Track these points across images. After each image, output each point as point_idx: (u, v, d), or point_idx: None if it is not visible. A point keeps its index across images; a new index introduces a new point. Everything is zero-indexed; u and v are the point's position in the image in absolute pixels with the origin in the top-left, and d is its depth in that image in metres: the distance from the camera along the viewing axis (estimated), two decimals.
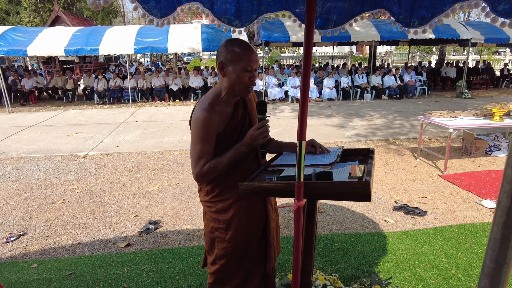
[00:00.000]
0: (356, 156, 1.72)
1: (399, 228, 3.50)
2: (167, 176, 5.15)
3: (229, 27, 1.67)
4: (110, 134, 7.80)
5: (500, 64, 20.60)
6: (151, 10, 1.27)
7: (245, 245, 1.70)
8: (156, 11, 1.31)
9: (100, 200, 4.32)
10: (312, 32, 1.18)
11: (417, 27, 1.52)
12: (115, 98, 12.40)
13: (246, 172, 1.63)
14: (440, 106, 10.78)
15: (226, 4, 1.61)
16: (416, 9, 1.48)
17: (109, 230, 3.58)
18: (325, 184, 1.26)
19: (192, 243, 3.26)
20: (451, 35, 11.62)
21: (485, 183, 4.69)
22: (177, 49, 11.28)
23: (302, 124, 1.22)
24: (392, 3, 1.58)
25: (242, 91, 1.54)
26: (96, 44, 10.73)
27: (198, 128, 1.51)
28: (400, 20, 1.57)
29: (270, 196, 1.39)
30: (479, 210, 3.89)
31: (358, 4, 1.67)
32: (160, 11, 1.32)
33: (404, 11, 1.54)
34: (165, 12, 1.34)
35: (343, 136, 7.32)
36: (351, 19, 1.71)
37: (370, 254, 2.93)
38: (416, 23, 1.51)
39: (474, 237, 3.25)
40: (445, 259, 2.87)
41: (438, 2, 1.40)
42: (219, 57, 1.52)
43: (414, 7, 1.48)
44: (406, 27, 1.56)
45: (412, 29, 1.54)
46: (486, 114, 5.35)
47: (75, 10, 24.94)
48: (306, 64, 1.15)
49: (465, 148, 6.11)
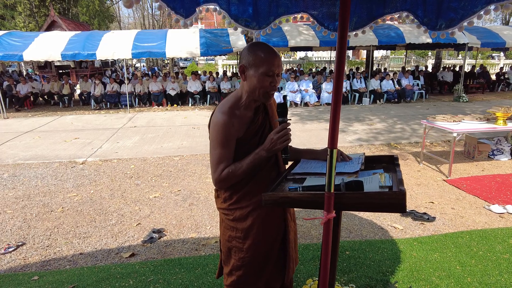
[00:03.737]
0: (379, 163, 1.65)
1: (409, 234, 3.43)
2: (168, 183, 5.05)
3: (247, 30, 1.60)
4: (108, 139, 7.68)
5: (495, 68, 20.78)
6: (178, 10, 1.21)
7: (263, 255, 1.62)
8: (182, 11, 1.24)
9: (101, 208, 4.21)
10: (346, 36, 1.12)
11: (444, 29, 1.47)
12: (112, 103, 12.27)
13: (266, 179, 1.56)
14: (438, 110, 10.81)
15: (244, 5, 1.54)
16: (443, 11, 1.42)
17: (111, 239, 3.47)
18: (357, 195, 1.19)
19: (199, 252, 3.16)
20: (448, 40, 11.68)
21: (490, 187, 4.65)
22: (175, 53, 11.21)
23: (334, 131, 1.15)
24: (416, 5, 1.52)
25: (262, 96, 1.48)
26: (93, 48, 10.63)
27: (217, 132, 1.45)
28: (424, 22, 1.51)
29: (296, 207, 1.32)
30: (488, 215, 3.84)
31: (379, 7, 1.61)
32: (184, 11, 1.25)
33: (430, 13, 1.48)
34: (188, 13, 1.27)
35: (344, 141, 7.28)
36: (371, 22, 1.66)
37: (383, 262, 2.86)
38: (444, 26, 1.45)
39: (486, 243, 3.19)
40: (459, 266, 2.81)
41: (468, 3, 1.34)
42: (241, 60, 1.47)
43: (441, 9, 1.43)
44: (432, 30, 1.51)
45: (438, 32, 1.49)
46: (489, 118, 5.34)
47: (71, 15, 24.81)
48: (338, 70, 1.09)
49: (467, 152, 6.09)
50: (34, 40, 11.02)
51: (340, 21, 1.11)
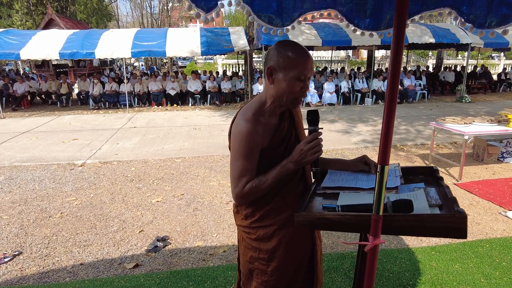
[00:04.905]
0: (416, 175, 1.50)
1: (425, 242, 3.28)
2: (170, 186, 4.88)
3: (269, 27, 1.44)
4: (108, 140, 7.50)
5: (496, 69, 20.72)
6: (199, 4, 1.05)
7: (289, 278, 1.46)
8: (203, 4, 1.08)
9: (101, 213, 4.04)
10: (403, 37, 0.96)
11: (495, 27, 1.31)
12: (111, 103, 12.06)
13: (293, 194, 1.40)
14: (442, 111, 10.69)
15: (268, 0, 1.38)
16: (494, 6, 1.27)
17: (113, 248, 3.30)
18: (408, 218, 1.03)
19: (207, 263, 3.00)
20: (451, 40, 11.57)
21: (504, 192, 4.51)
22: (176, 53, 11.03)
23: (387, 145, 1.00)
24: (460, 0, 1.36)
25: (290, 102, 1.32)
26: (92, 47, 10.43)
27: (240, 142, 1.29)
28: (470, 19, 1.35)
29: (334, 230, 1.16)
30: (506, 222, 3.70)
31: (416, 3, 1.45)
32: (206, 4, 1.10)
33: (477, 9, 1.33)
34: (209, 6, 1.12)
35: (349, 143, 7.12)
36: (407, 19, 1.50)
37: (402, 274, 2.71)
38: (494, 23, 1.30)
39: (509, 253, 3.04)
40: (484, 279, 2.66)
41: None
42: (269, 61, 1.30)
43: (492, 4, 1.27)
44: (480, 28, 1.35)
45: (487, 30, 1.33)
46: (500, 120, 5.20)
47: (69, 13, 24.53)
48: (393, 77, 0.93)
49: (476, 155, 5.95)
50: (31, 38, 10.80)
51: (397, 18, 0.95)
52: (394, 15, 1.01)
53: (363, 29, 1.57)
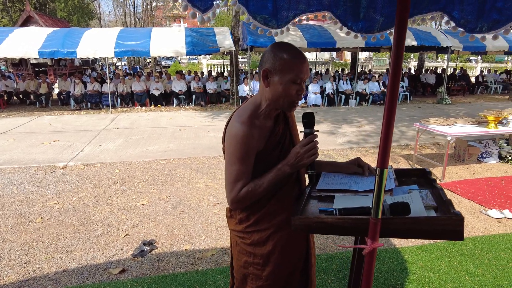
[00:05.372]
0: (408, 177, 1.51)
1: (412, 242, 3.33)
2: (156, 189, 4.79)
3: (265, 28, 1.42)
4: (90, 142, 7.31)
5: (473, 71, 21.41)
6: (195, 3, 1.02)
7: (284, 282, 1.44)
8: (199, 4, 1.05)
9: (84, 217, 3.92)
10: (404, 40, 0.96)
11: (486, 32, 1.33)
12: (93, 104, 11.78)
13: (288, 197, 1.39)
14: (424, 112, 10.95)
15: (263, 0, 1.36)
16: (486, 11, 1.29)
17: (97, 253, 3.21)
18: (406, 221, 1.03)
19: (195, 267, 2.95)
20: (432, 43, 11.88)
21: (484, 191, 4.64)
22: (160, 52, 10.87)
23: (386, 149, 0.99)
24: (451, 5, 1.38)
25: (286, 105, 1.30)
26: (73, 46, 10.15)
27: (236, 145, 1.26)
28: (461, 24, 1.37)
29: (331, 234, 1.15)
30: (486, 220, 3.80)
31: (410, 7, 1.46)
32: (202, 4, 1.07)
33: (468, 14, 1.35)
34: (205, 6, 1.09)
35: (335, 144, 7.19)
36: None
37: (391, 274, 2.74)
38: (485, 28, 1.32)
39: (490, 251, 3.13)
40: (468, 277, 2.72)
41: None
42: (264, 63, 1.27)
43: (483, 9, 1.29)
44: (471, 33, 1.37)
45: (478, 35, 1.36)
46: (480, 122, 5.36)
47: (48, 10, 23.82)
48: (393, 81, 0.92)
49: (458, 155, 6.11)
50: (8, 36, 10.42)
51: (397, 21, 0.95)
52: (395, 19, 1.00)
53: (357, 32, 1.58)
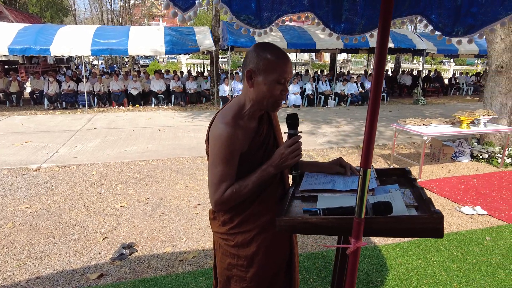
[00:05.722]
0: (389, 176, 1.54)
1: (390, 240, 3.41)
2: (134, 191, 4.69)
3: (249, 28, 1.41)
4: (66, 143, 7.06)
5: (446, 74, 22.23)
6: (176, 2, 1.00)
7: (268, 282, 1.44)
8: (180, 3, 1.03)
9: (60, 221, 3.78)
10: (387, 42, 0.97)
11: (462, 36, 1.38)
12: (68, 103, 11.40)
13: (272, 198, 1.39)
14: (400, 113, 11.25)
15: (246, 0, 1.35)
16: (461, 16, 1.33)
17: (74, 257, 3.10)
18: (389, 220, 1.05)
19: (176, 269, 2.90)
20: (408, 45, 12.23)
21: (458, 189, 4.82)
22: (139, 51, 10.66)
23: (369, 149, 1.00)
24: (429, 9, 1.42)
25: (271, 105, 1.30)
26: (47, 43, 9.78)
27: (221, 147, 1.25)
28: (439, 28, 1.41)
29: (315, 234, 1.16)
30: (460, 217, 3.95)
31: None
32: (184, 3, 1.04)
33: (445, 18, 1.39)
34: (187, 5, 1.06)
35: (315, 144, 7.28)
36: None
37: (371, 272, 2.79)
38: (461, 32, 1.36)
39: (464, 246, 3.25)
40: (444, 272, 2.81)
41: (490, 9, 1.26)
42: (248, 64, 1.27)
43: (459, 14, 1.34)
44: (448, 36, 1.41)
45: (455, 38, 1.40)
46: (454, 122, 5.57)
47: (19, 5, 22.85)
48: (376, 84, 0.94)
49: (433, 154, 6.32)
50: None
51: (381, 23, 0.96)
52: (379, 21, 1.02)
53: (338, 33, 1.60)
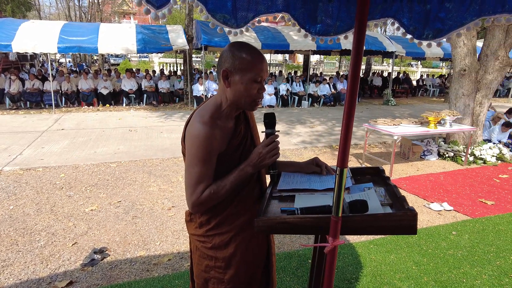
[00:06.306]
0: (363, 175, 1.57)
1: (364, 237, 3.49)
2: (106, 193, 4.53)
3: (224, 27, 1.40)
4: (30, 144, 6.71)
5: (414, 75, 23.16)
6: None
7: (246, 284, 1.43)
8: (154, 0, 0.99)
9: (24, 227, 3.58)
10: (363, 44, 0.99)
11: (431, 39, 1.43)
12: (33, 103, 10.85)
13: (250, 198, 1.38)
14: (371, 113, 11.59)
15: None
16: (430, 21, 1.38)
17: (40, 265, 2.94)
18: (365, 218, 1.07)
19: (151, 273, 2.82)
20: (379, 47, 12.62)
21: (426, 186, 5.03)
22: (109, 49, 10.32)
23: (345, 148, 1.02)
24: (401, 13, 1.46)
25: (248, 104, 1.29)
26: (8, 39, 9.24)
27: (198, 147, 1.22)
28: (410, 31, 1.46)
29: (293, 233, 1.16)
30: (429, 213, 4.11)
31: None
32: (157, 0, 1.01)
33: (416, 22, 1.44)
34: (161, 3, 1.03)
35: (290, 144, 7.35)
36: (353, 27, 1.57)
37: (346, 269, 2.84)
38: (431, 36, 1.42)
39: (433, 241, 3.39)
40: (415, 266, 2.92)
41: (457, 14, 1.32)
42: (223, 64, 1.25)
43: (428, 18, 1.39)
44: (418, 39, 1.46)
45: (425, 42, 1.45)
46: (422, 122, 5.80)
47: None
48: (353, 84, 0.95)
49: (403, 153, 6.55)
50: None
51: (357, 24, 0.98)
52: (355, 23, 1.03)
53: (314, 35, 1.61)
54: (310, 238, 3.44)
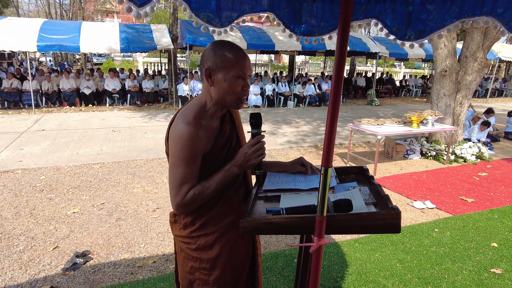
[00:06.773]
0: (348, 175, 1.58)
1: (349, 236, 3.53)
2: (88, 195, 4.43)
3: (208, 26, 1.38)
4: (8, 146, 6.50)
5: (398, 76, 23.62)
6: None
7: (232, 285, 1.42)
8: None
9: (2, 232, 3.47)
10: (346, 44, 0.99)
11: (414, 40, 1.46)
12: (11, 103, 10.52)
13: (235, 199, 1.37)
14: (355, 113, 11.74)
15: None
16: (412, 22, 1.41)
17: (19, 271, 2.85)
18: (349, 217, 1.07)
19: (136, 276, 2.77)
20: (363, 48, 12.80)
21: (410, 185, 5.12)
22: (91, 48, 10.10)
23: (330, 148, 1.02)
24: (384, 14, 1.48)
25: (234, 102, 1.28)
26: None
27: (182, 147, 1.20)
28: (394, 32, 1.48)
29: (279, 233, 1.15)
30: (412, 211, 4.19)
31: None
32: None
33: (399, 23, 1.46)
34: (142, 0, 1.01)
35: (276, 144, 7.37)
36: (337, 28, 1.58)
37: (332, 268, 2.87)
38: (413, 37, 1.44)
39: (416, 238, 3.45)
40: (399, 264, 2.97)
41: (438, 16, 1.34)
42: (205, 62, 1.24)
43: (410, 19, 1.41)
44: (401, 40, 1.49)
45: (407, 42, 1.48)
46: (406, 122, 5.91)
47: None
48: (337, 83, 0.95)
49: (386, 153, 6.66)
50: None
51: (341, 25, 0.98)
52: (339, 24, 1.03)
53: (298, 35, 1.62)
54: (296, 238, 3.46)
